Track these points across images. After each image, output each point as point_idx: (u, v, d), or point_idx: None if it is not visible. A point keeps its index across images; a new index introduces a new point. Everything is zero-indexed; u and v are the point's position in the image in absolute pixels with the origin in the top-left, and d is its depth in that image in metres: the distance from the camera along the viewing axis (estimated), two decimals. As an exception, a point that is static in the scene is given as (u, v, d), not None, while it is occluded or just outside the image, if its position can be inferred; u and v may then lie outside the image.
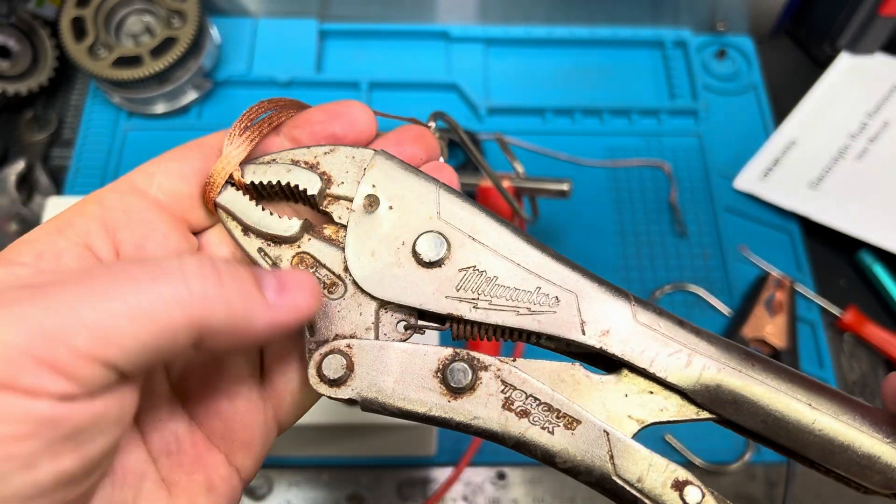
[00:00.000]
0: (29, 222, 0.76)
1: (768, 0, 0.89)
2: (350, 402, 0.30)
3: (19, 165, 0.78)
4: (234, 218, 0.31)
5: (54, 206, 0.61)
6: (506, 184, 0.72)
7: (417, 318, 0.30)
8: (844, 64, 0.89)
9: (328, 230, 0.31)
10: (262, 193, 0.32)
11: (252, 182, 0.31)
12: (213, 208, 0.31)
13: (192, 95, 0.84)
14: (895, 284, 0.76)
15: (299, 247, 0.31)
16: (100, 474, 0.25)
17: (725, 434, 0.69)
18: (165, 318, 0.23)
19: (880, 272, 0.76)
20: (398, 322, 0.30)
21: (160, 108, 0.83)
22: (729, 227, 0.80)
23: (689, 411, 0.30)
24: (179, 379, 0.32)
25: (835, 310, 0.74)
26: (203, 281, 0.24)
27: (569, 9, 0.90)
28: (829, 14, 0.87)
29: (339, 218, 0.31)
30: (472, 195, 0.75)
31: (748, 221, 0.80)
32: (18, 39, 0.83)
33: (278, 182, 0.31)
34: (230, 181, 0.31)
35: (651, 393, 0.30)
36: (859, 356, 0.74)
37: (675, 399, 0.30)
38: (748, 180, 0.82)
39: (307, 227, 0.31)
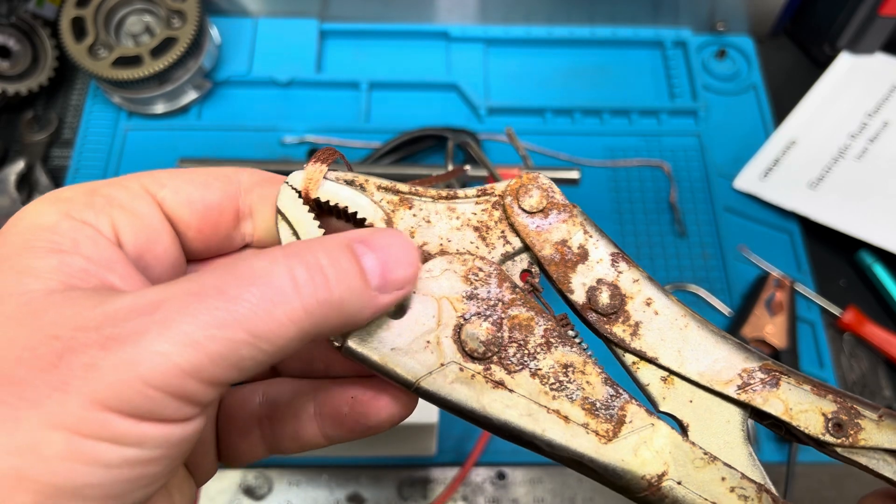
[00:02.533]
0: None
1: (768, 0, 0.89)
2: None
3: (19, 165, 0.78)
4: (291, 227, 0.30)
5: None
6: (514, 172, 0.73)
7: None
8: (844, 64, 0.89)
9: None
10: (325, 210, 0.31)
11: (318, 199, 0.30)
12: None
13: (191, 95, 0.84)
14: (895, 284, 0.76)
15: None
16: None
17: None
18: (283, 339, 0.23)
19: (880, 272, 0.76)
20: None
21: (160, 108, 0.83)
22: (729, 227, 0.80)
23: None
24: None
25: (835, 310, 0.74)
26: (315, 291, 0.24)
27: (569, 9, 0.90)
28: (829, 14, 0.87)
29: None
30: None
31: (748, 221, 0.80)
32: (18, 39, 0.83)
33: (345, 208, 0.30)
34: (296, 190, 0.30)
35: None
36: (859, 356, 0.74)
37: None
38: (748, 180, 0.82)
39: None
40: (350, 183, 0.30)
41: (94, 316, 0.22)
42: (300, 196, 0.30)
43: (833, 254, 0.79)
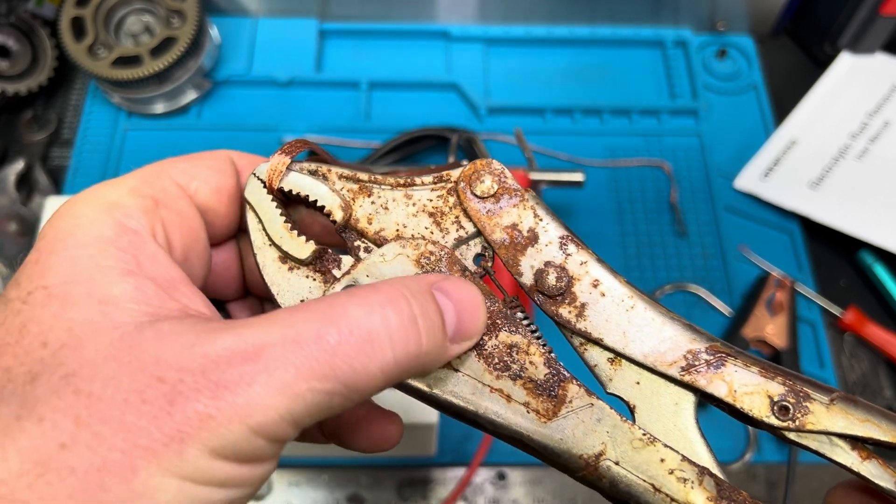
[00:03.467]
0: (28, 222, 0.76)
1: (768, 0, 0.89)
2: None
3: (19, 165, 0.78)
4: (257, 216, 0.31)
5: (53, 206, 0.61)
6: (520, 174, 0.73)
7: None
8: (845, 63, 0.88)
9: (345, 261, 0.31)
10: (291, 199, 0.32)
11: (282, 188, 0.31)
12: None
13: (191, 95, 0.84)
14: (895, 284, 0.76)
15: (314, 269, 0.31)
16: None
17: (726, 434, 0.69)
18: (372, 390, 0.24)
19: (881, 272, 0.76)
20: None
21: (160, 107, 0.83)
22: (729, 226, 0.80)
23: None
24: None
25: (835, 310, 0.74)
26: (407, 344, 0.25)
27: (569, 8, 0.90)
28: (830, 14, 0.87)
29: (358, 253, 0.31)
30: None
31: (749, 221, 0.80)
32: (18, 39, 0.83)
33: (307, 196, 0.31)
34: (262, 180, 0.31)
35: None
36: (860, 356, 0.74)
37: None
38: (749, 180, 0.82)
39: (320, 255, 0.31)
40: (313, 173, 0.32)
41: (194, 357, 0.23)
42: (265, 186, 0.31)
43: (834, 254, 0.79)
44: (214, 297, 0.35)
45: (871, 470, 0.28)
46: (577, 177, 0.73)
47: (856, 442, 0.28)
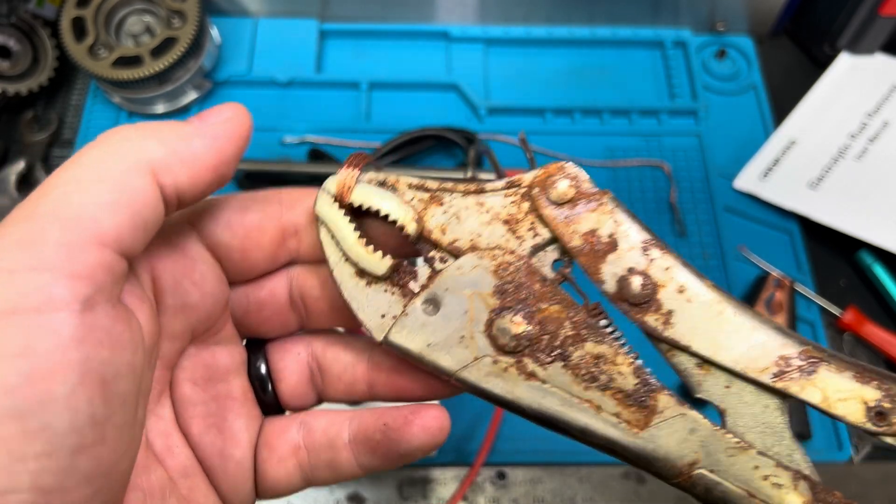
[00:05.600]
0: (29, 222, 0.76)
1: (768, 0, 0.89)
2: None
3: (20, 165, 0.78)
4: (329, 231, 0.31)
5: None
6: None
7: None
8: (844, 64, 0.89)
9: (420, 273, 0.31)
10: (361, 212, 0.31)
11: (352, 203, 0.31)
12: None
13: (192, 95, 0.84)
14: (895, 284, 0.76)
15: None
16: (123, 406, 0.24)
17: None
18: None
19: (880, 272, 0.76)
20: None
21: (160, 108, 0.83)
22: (729, 227, 0.80)
23: None
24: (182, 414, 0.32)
25: (834, 310, 0.74)
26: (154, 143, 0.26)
27: (569, 9, 0.90)
28: (829, 14, 0.87)
29: (433, 264, 0.31)
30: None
31: (748, 221, 0.80)
32: (19, 39, 0.83)
33: (377, 210, 0.31)
34: (331, 195, 0.31)
35: None
36: (859, 356, 0.74)
37: None
38: (748, 180, 0.82)
39: (396, 268, 0.31)
40: (382, 184, 0.31)
41: None
42: (335, 200, 0.31)
43: (833, 254, 0.79)
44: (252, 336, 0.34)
45: None
46: None
47: None
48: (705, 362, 0.29)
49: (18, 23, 0.82)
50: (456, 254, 0.31)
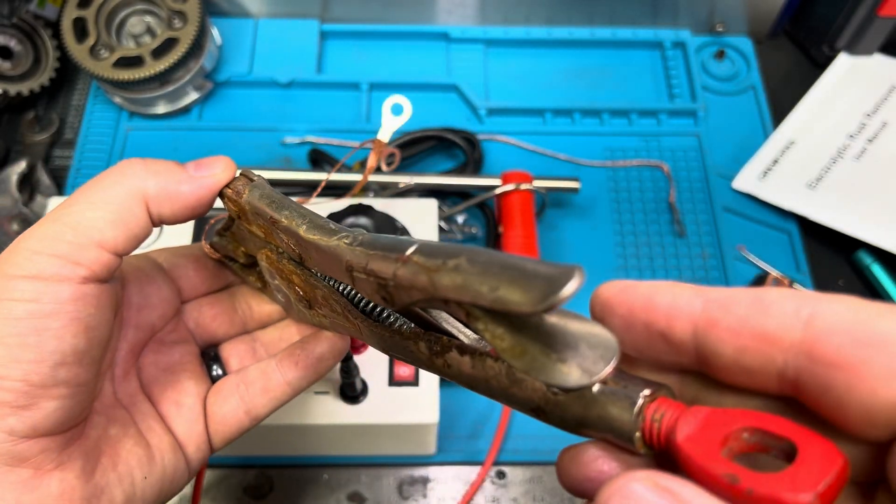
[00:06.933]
0: (31, 222, 0.76)
1: (767, 1, 0.89)
2: None
3: (21, 166, 0.79)
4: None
5: (56, 206, 0.61)
6: (523, 174, 0.74)
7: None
8: (843, 65, 0.89)
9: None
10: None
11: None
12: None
13: (193, 96, 0.84)
14: (893, 284, 0.76)
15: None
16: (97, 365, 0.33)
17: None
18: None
19: (878, 272, 0.76)
20: None
21: (161, 108, 0.84)
22: (728, 227, 0.80)
23: None
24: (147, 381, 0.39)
25: (833, 309, 0.75)
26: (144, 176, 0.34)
27: (568, 10, 0.91)
28: (828, 15, 0.88)
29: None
30: (472, 197, 0.76)
31: (747, 221, 0.81)
32: (20, 40, 0.83)
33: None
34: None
35: None
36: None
37: None
38: (747, 180, 0.82)
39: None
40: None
41: None
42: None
43: (831, 254, 0.79)
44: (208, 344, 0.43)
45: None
46: (573, 184, 0.76)
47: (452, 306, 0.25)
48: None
49: (20, 23, 0.83)
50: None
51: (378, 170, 0.64)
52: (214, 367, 0.41)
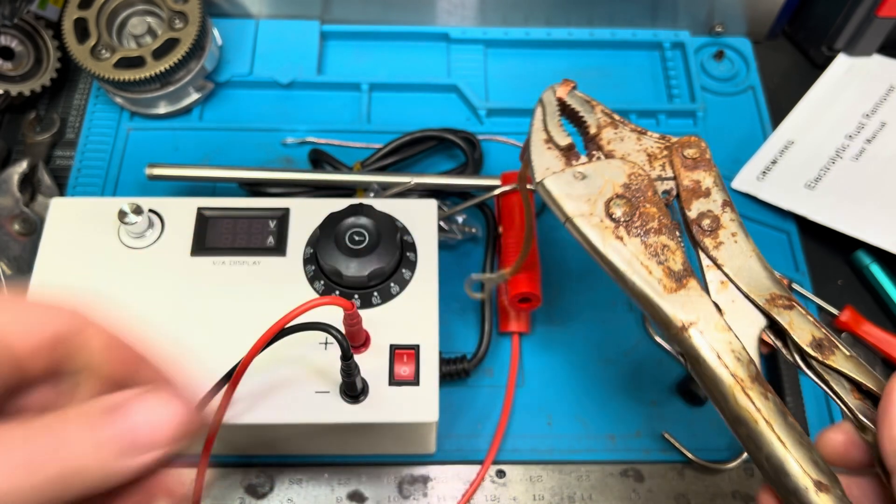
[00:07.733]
0: (32, 222, 0.76)
1: (766, 2, 0.89)
2: None
3: (22, 166, 0.79)
4: (543, 114, 0.53)
5: (57, 207, 0.62)
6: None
7: None
8: (842, 65, 0.89)
9: (583, 159, 0.49)
10: (567, 111, 0.53)
11: (563, 100, 0.53)
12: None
13: (193, 96, 0.84)
14: (892, 284, 0.76)
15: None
16: None
17: (723, 432, 0.69)
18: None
19: (877, 271, 0.77)
20: None
21: (162, 108, 0.84)
22: (727, 227, 0.80)
23: None
24: None
25: (832, 309, 0.75)
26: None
27: (568, 11, 0.91)
28: (827, 16, 0.88)
29: (592, 158, 0.49)
30: (471, 197, 0.76)
31: (746, 221, 0.79)
32: (21, 41, 0.83)
33: (577, 111, 0.52)
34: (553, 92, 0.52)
35: None
36: (857, 355, 0.74)
37: None
38: (746, 181, 0.82)
39: (570, 148, 0.49)
40: (586, 101, 0.51)
41: None
42: (553, 95, 0.51)
43: (830, 254, 0.80)
44: None
45: (862, 410, 0.39)
46: None
47: (854, 386, 0.40)
48: (728, 279, 0.42)
49: (21, 24, 0.83)
50: (609, 156, 0.47)
51: (378, 170, 0.65)
52: None
